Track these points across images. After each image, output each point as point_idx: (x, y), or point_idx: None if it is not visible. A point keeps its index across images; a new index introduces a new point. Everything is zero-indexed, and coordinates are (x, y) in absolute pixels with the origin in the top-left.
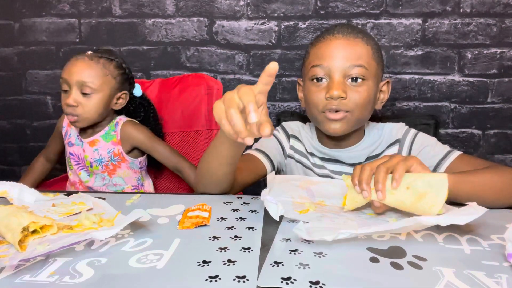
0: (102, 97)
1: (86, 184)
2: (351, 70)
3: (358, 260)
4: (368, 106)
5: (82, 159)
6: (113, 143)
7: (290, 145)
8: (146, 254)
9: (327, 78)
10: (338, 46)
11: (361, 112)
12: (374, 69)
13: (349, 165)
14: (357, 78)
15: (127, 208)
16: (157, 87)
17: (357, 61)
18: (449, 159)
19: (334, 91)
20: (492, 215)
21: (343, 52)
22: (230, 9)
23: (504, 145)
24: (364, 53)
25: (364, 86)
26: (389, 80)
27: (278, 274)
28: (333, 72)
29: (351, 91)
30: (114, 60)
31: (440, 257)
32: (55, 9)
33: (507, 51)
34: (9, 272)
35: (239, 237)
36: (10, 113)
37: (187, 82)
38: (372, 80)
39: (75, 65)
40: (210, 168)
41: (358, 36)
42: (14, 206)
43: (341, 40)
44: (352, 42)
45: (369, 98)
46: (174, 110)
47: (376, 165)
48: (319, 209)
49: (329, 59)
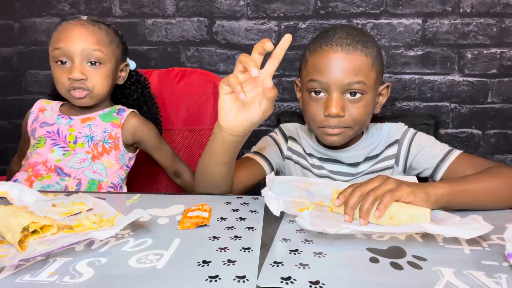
0: (111, 68)
1: (56, 163)
2: (349, 86)
3: (358, 260)
4: (368, 118)
5: (63, 136)
6: (113, 124)
7: (287, 147)
8: (146, 254)
9: (325, 93)
10: (337, 61)
11: (360, 125)
12: (374, 80)
13: (348, 165)
14: (356, 93)
15: (127, 208)
16: (156, 79)
17: (356, 76)
18: (449, 160)
19: (332, 109)
20: (491, 215)
21: (341, 67)
22: (230, 9)
23: (504, 145)
24: (364, 67)
25: (363, 101)
26: (389, 84)
27: (278, 274)
28: (331, 88)
29: (350, 107)
30: (111, 27)
31: (440, 257)
32: (55, 9)
33: (507, 51)
34: (9, 272)
35: (239, 237)
36: (10, 113)
37: (192, 78)
38: (371, 91)
39: (74, 31)
40: (206, 169)
41: (357, 48)
42: (14, 206)
43: (339, 54)
44: (351, 56)
45: (368, 112)
46: (179, 106)
47: (367, 190)
48: (319, 209)
49: (327, 74)
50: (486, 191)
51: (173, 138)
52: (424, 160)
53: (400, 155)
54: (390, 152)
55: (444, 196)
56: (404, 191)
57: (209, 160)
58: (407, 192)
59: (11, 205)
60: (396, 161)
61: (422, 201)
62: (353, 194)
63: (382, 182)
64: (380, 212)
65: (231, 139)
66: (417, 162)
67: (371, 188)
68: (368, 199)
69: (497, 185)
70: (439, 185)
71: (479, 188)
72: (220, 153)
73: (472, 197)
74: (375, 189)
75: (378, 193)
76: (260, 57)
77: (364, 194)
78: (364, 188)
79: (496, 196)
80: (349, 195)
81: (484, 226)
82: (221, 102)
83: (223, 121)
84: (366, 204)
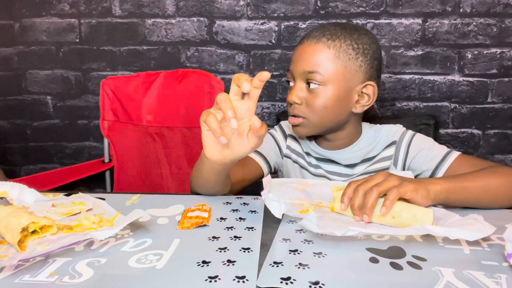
0: None
1: None
2: (306, 75)
3: (357, 261)
4: (329, 112)
5: None
6: None
7: (287, 145)
8: (145, 254)
9: (293, 82)
10: (300, 51)
11: (320, 118)
12: (339, 74)
13: (344, 166)
14: (311, 83)
15: (126, 208)
16: (162, 80)
17: (313, 67)
18: (448, 161)
19: (290, 96)
20: (491, 215)
21: (302, 57)
22: (230, 9)
23: (504, 145)
24: (323, 58)
25: (320, 93)
26: (372, 83)
27: (278, 274)
28: (295, 77)
29: (308, 97)
30: None
31: (439, 257)
32: (55, 9)
33: (507, 51)
34: (9, 272)
35: (238, 237)
36: (10, 113)
37: (191, 78)
38: (334, 84)
39: None
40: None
41: (321, 40)
42: (13, 207)
43: (304, 44)
44: (313, 47)
45: (327, 104)
46: (178, 105)
47: (370, 186)
48: (319, 210)
49: (293, 64)
50: (484, 189)
51: (173, 136)
52: (423, 162)
53: (399, 156)
54: (387, 154)
55: (442, 193)
56: (408, 187)
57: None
58: (410, 189)
59: (11, 205)
60: (394, 162)
61: (422, 198)
62: (356, 194)
63: (385, 178)
64: (387, 208)
65: (220, 167)
66: (415, 164)
67: (373, 184)
68: (372, 195)
69: (496, 183)
70: (438, 181)
71: (477, 185)
72: (212, 177)
73: (470, 195)
74: (378, 185)
75: (382, 189)
76: (238, 94)
77: (367, 191)
78: (366, 185)
79: (494, 194)
80: (352, 194)
81: (487, 227)
82: (203, 137)
83: (208, 154)
84: (370, 200)
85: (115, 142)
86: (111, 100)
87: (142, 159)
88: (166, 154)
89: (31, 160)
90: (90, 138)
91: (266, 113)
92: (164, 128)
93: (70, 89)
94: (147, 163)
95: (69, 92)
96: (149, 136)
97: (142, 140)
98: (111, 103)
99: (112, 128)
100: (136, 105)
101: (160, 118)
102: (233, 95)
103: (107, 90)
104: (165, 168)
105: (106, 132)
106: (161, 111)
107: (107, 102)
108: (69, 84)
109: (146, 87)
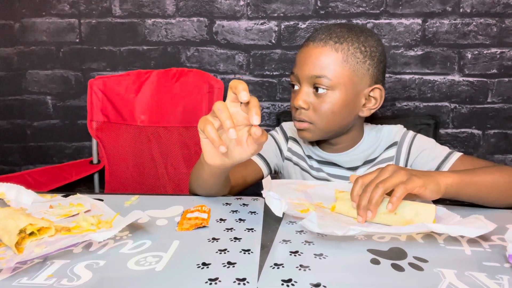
0: None
1: None
2: (313, 80)
3: (358, 262)
4: (336, 117)
5: None
6: None
7: (288, 147)
8: (145, 256)
9: (299, 86)
10: (306, 55)
11: (327, 123)
12: (346, 78)
13: (346, 169)
14: (319, 88)
15: (125, 209)
16: (155, 79)
17: (320, 71)
18: (450, 161)
19: (296, 101)
20: (492, 215)
21: (308, 61)
22: (230, 9)
23: (504, 145)
24: (331, 62)
25: (328, 97)
26: (379, 87)
27: (279, 276)
28: (301, 81)
29: (315, 102)
30: None
31: (441, 258)
32: (55, 9)
33: (507, 51)
34: (6, 275)
35: (238, 239)
36: (10, 113)
37: (188, 78)
38: (342, 89)
39: None
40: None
41: (328, 43)
42: (11, 208)
43: (309, 47)
44: (319, 50)
45: (334, 109)
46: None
47: (376, 182)
48: (319, 210)
49: (298, 68)
50: (493, 184)
51: (170, 136)
52: (425, 163)
53: (400, 157)
54: (388, 154)
55: (453, 186)
56: (416, 183)
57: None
58: (418, 185)
59: (8, 207)
60: (395, 163)
61: (431, 192)
62: (364, 195)
63: (392, 173)
64: (394, 205)
65: (220, 171)
66: (417, 165)
67: (380, 180)
68: (377, 191)
69: (504, 180)
70: (449, 175)
71: (486, 181)
72: (211, 179)
73: (479, 189)
74: (385, 181)
75: (388, 185)
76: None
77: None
78: (373, 183)
79: (501, 191)
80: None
81: (488, 224)
82: (202, 144)
83: (208, 159)
84: (375, 197)
85: (106, 143)
86: (100, 100)
87: (136, 159)
88: (162, 154)
89: (31, 160)
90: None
91: (266, 113)
92: (160, 128)
93: (70, 89)
94: (141, 164)
95: (69, 92)
96: (144, 136)
97: (136, 141)
98: (101, 103)
99: (101, 128)
100: (129, 105)
101: (155, 118)
102: (230, 101)
103: (96, 90)
104: (161, 169)
105: (95, 133)
106: (156, 111)
107: (96, 102)
108: (69, 84)
109: (138, 86)
